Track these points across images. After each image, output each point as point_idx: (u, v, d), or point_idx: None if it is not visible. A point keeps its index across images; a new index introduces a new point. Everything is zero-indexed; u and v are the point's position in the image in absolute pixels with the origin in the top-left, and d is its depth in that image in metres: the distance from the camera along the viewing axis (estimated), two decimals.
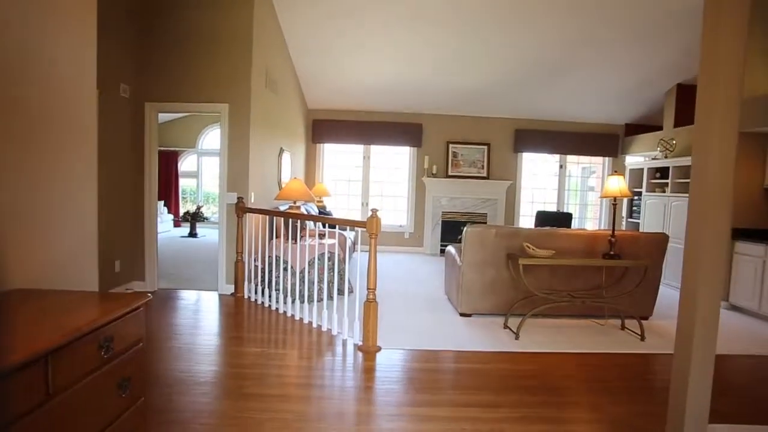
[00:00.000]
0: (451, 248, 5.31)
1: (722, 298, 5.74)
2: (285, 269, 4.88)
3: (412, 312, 4.97)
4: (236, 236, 5.22)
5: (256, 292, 5.12)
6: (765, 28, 5.44)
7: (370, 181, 9.16)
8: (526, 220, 9.07)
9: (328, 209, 8.10)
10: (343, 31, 6.45)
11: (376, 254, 3.75)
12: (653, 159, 7.60)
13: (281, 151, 6.84)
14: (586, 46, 6.62)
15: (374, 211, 3.66)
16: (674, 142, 7.25)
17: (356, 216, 9.16)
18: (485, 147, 8.90)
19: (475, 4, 5.82)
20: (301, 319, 4.50)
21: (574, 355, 3.90)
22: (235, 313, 4.78)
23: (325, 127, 8.82)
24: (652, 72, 7.28)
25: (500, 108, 8.61)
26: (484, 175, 8.90)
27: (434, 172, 8.82)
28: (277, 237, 5.41)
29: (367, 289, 3.76)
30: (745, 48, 2.34)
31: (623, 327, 4.62)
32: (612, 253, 4.35)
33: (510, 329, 4.41)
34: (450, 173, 8.87)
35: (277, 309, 4.81)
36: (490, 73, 7.44)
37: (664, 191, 7.03)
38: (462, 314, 4.82)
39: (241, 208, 5.14)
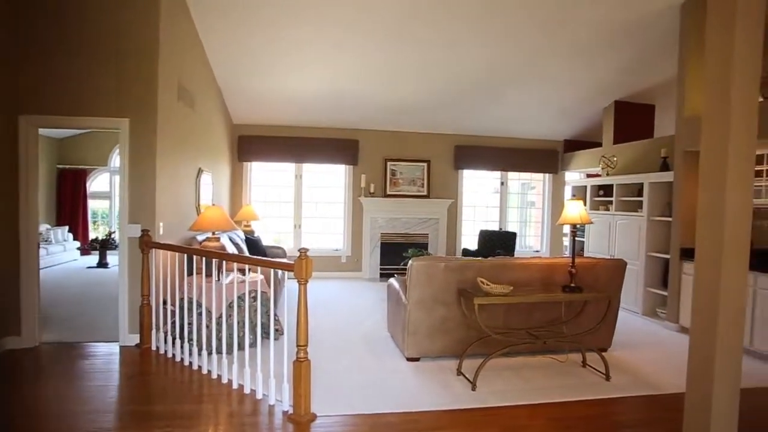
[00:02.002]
0: (394, 282, 4.73)
1: (674, 320, 5.60)
2: (200, 314, 4.10)
3: (352, 357, 4.33)
4: (141, 276, 4.37)
5: (165, 343, 4.29)
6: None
7: (302, 202, 8.45)
8: (469, 240, 8.70)
9: (256, 234, 7.31)
10: (269, 41, 5.77)
11: (306, 305, 3.09)
12: (588, 176, 7.46)
13: (200, 171, 6.01)
14: (526, 63, 6.36)
15: (303, 251, 3.00)
16: (615, 159, 7.13)
17: (288, 239, 8.42)
18: (425, 164, 8.47)
19: (412, 17, 5.35)
20: (219, 378, 3.73)
21: (540, 408, 3.41)
22: (138, 374, 3.92)
23: (253, 144, 8.04)
24: (590, 89, 7.15)
25: (440, 124, 8.23)
26: (425, 193, 8.46)
27: (372, 191, 8.27)
28: (197, 273, 4.59)
29: (297, 346, 3.08)
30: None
31: (585, 364, 4.22)
32: (573, 285, 3.94)
33: (464, 376, 3.87)
34: (388, 192, 8.35)
35: (190, 364, 4.01)
36: (428, 88, 7.01)
37: (608, 209, 6.86)
38: (409, 359, 4.24)
39: (146, 243, 4.30)
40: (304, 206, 8.46)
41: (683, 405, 2.62)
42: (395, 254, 7.64)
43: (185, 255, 4.50)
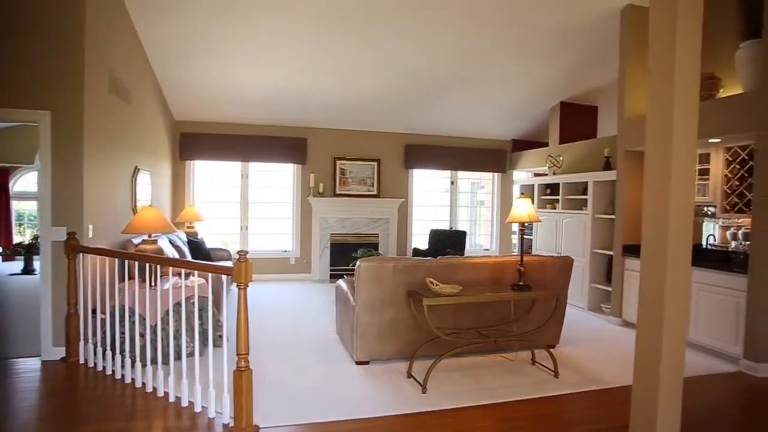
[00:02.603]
0: (342, 283, 4.59)
1: (617, 315, 5.75)
2: (134, 322, 3.80)
3: (299, 362, 4.15)
4: (67, 282, 4.02)
5: (95, 355, 3.96)
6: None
7: (249, 203, 8.14)
8: (420, 239, 8.67)
9: (200, 236, 6.97)
10: (211, 34, 5.48)
11: (246, 310, 2.88)
12: (536, 176, 7.60)
13: (136, 170, 5.64)
14: (474, 64, 6.38)
15: (242, 254, 2.80)
16: (561, 158, 7.29)
17: (235, 241, 8.09)
18: (375, 163, 8.37)
19: (363, 15, 5.23)
20: (155, 391, 3.47)
21: (490, 409, 3.36)
22: (62, 390, 3.58)
23: (196, 142, 7.66)
24: (537, 90, 7.27)
25: (390, 123, 8.15)
26: (375, 192, 8.35)
27: (321, 190, 8.08)
28: (130, 278, 4.27)
29: (238, 355, 2.88)
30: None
31: (534, 361, 4.23)
32: (521, 283, 3.93)
33: (415, 378, 3.78)
34: (338, 192, 8.19)
35: (122, 377, 3.71)
36: (378, 87, 6.91)
37: (554, 207, 6.99)
38: (358, 362, 4.11)
39: (72, 247, 3.96)
40: (251, 207, 8.15)
41: (629, 398, 2.63)
42: (346, 255, 7.49)
43: (116, 259, 4.17)
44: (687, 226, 2.17)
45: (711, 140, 4.79)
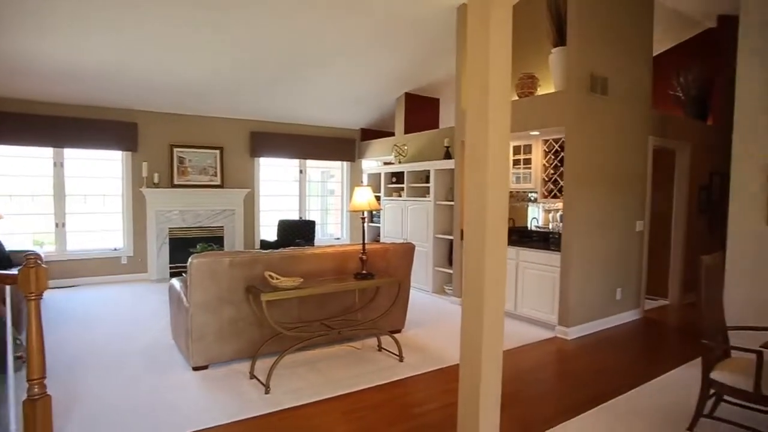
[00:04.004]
0: (175, 282, 4.17)
1: (458, 295, 6.14)
2: None
3: (128, 374, 3.67)
4: None
5: None
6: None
7: (66, 195, 7.03)
8: (269, 231, 8.35)
9: None
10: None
11: (39, 326, 2.40)
12: (386, 164, 7.79)
13: None
14: (320, 50, 6.23)
15: (32, 258, 2.30)
16: (406, 147, 7.54)
17: (50, 241, 6.96)
18: (218, 151, 7.82)
19: None
20: None
21: (335, 402, 3.31)
22: None
23: None
24: (382, 80, 7.41)
25: (234, 108, 7.66)
26: (218, 183, 7.82)
27: (156, 181, 7.32)
28: None
29: (29, 381, 2.39)
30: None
31: (380, 348, 4.29)
32: (364, 272, 3.93)
33: (258, 379, 3.58)
34: (176, 182, 7.49)
35: None
36: (219, 69, 6.41)
37: (400, 195, 7.21)
38: (196, 368, 3.76)
39: None
40: (68, 200, 7.05)
41: None
42: (187, 250, 6.89)
43: None
44: (502, 210, 2.32)
45: (532, 133, 5.30)
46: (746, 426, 2.81)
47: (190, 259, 3.60)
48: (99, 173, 7.25)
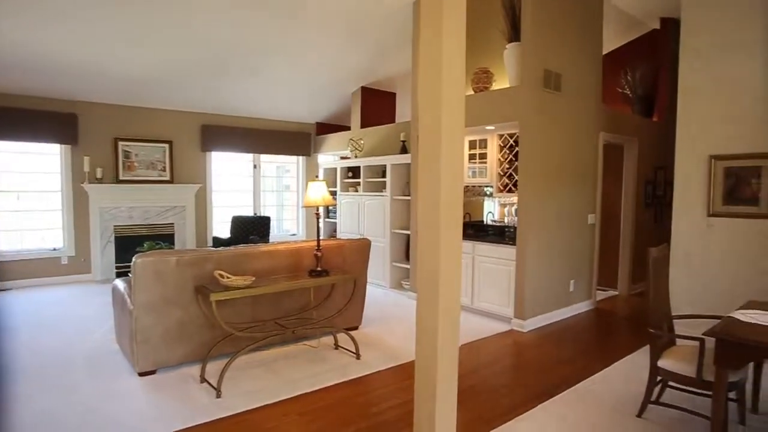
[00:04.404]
0: (119, 283, 3.94)
1: (416, 290, 6.12)
2: None
3: (68, 384, 3.43)
4: None
5: None
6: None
7: None
8: (222, 228, 8.10)
9: None
10: None
11: None
12: (342, 159, 7.69)
13: None
14: (274, 42, 6.05)
15: None
16: (362, 142, 7.45)
17: None
18: (167, 145, 7.50)
19: None
20: None
21: (292, 402, 3.21)
22: None
23: None
24: (339, 74, 7.29)
25: (183, 100, 7.36)
26: (168, 178, 7.50)
27: (99, 176, 6.93)
28: None
29: None
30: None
31: (337, 346, 4.21)
32: (319, 269, 3.84)
33: (209, 382, 3.43)
34: (122, 177, 7.13)
35: None
36: (167, 58, 6.10)
37: (357, 190, 7.13)
38: (142, 373, 3.57)
39: None
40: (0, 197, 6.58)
41: None
42: (135, 249, 6.57)
43: None
44: (457, 204, 2.29)
45: (487, 127, 5.32)
46: (689, 410, 2.92)
47: (134, 259, 3.40)
48: (34, 168, 6.79)
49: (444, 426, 2.30)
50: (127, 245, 7.04)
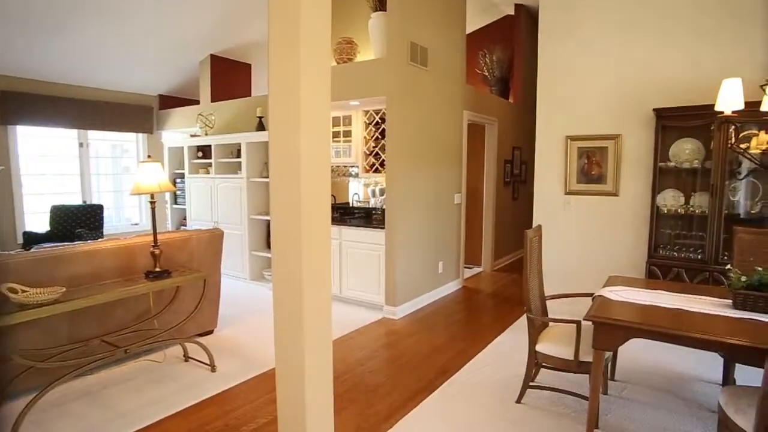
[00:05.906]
0: None
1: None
2: None
3: None
4: None
5: None
6: None
7: None
8: (38, 219, 6.63)
9: None
10: None
11: None
12: (192, 137, 6.75)
13: None
14: None
15: None
16: (213, 117, 6.60)
17: None
18: None
19: None
20: None
21: None
22: None
23: None
24: (183, 38, 6.30)
25: None
26: None
27: None
28: None
29: None
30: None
31: (187, 357, 3.56)
32: (158, 269, 3.14)
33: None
34: None
35: None
36: None
37: (208, 172, 6.31)
38: None
39: None
40: None
41: None
42: None
43: None
44: (324, 185, 1.90)
45: (351, 102, 4.94)
46: (562, 389, 2.93)
47: None
48: None
49: None
50: None
